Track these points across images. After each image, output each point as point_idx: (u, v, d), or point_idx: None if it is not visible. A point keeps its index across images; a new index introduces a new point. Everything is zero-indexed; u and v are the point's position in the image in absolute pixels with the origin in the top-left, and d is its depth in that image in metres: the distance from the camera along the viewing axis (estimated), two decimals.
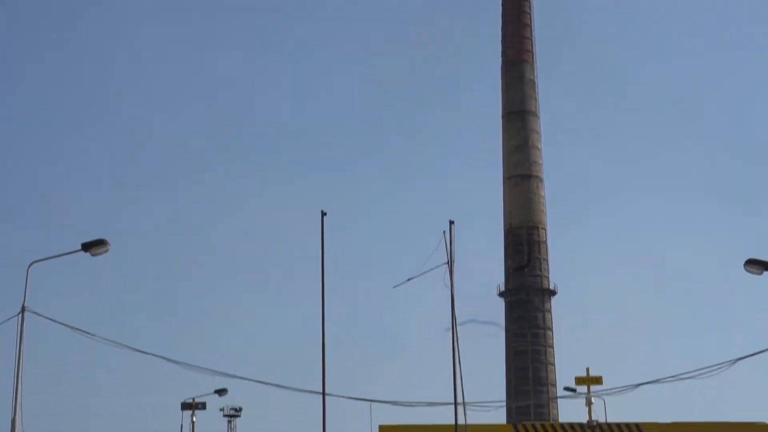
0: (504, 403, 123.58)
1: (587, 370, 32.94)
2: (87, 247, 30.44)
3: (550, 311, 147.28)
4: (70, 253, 30.88)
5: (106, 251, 30.62)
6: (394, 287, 28.38)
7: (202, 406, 38.83)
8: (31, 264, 30.66)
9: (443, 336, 23.53)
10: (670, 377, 33.08)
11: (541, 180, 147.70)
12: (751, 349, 32.46)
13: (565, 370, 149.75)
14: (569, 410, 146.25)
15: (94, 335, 32.19)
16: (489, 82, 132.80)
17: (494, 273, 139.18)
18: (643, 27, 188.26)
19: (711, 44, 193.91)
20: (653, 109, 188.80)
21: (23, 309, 30.08)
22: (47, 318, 31.57)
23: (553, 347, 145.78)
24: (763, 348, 31.51)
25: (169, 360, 38.07)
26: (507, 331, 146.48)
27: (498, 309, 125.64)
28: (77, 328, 31.61)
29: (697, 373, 31.51)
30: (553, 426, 66.31)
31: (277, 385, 33.89)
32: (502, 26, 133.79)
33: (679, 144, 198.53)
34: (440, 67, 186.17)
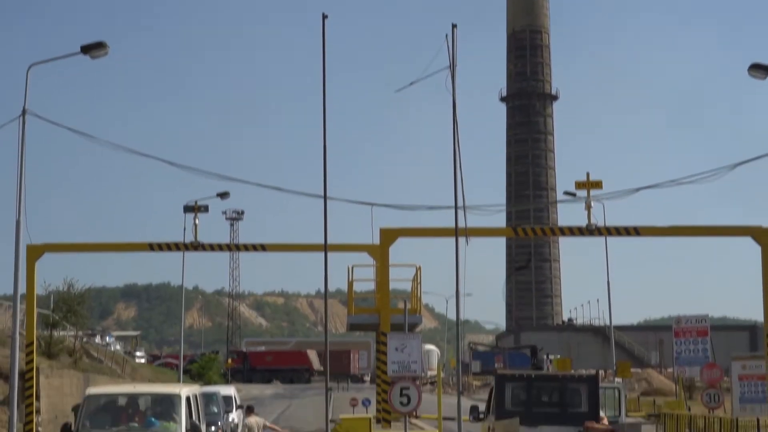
0: (504, 207, 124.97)
1: (587, 174, 32.96)
2: (86, 49, 30.16)
3: (551, 116, 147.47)
4: (70, 55, 30.65)
5: (106, 54, 30.34)
6: (396, 91, 28.23)
7: (205, 209, 39.00)
8: (30, 66, 30.47)
9: (444, 145, 23.42)
10: (669, 181, 33.20)
11: None
12: (752, 155, 32.52)
13: (564, 174, 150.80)
14: (568, 214, 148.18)
15: (95, 138, 32.23)
16: None
17: (496, 78, 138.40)
18: None
19: None
20: None
21: (24, 112, 30.03)
22: (48, 121, 31.58)
23: (553, 152, 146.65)
24: (763, 153, 31.49)
25: (171, 163, 38.20)
26: (508, 135, 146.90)
27: (499, 114, 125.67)
28: (79, 131, 31.64)
29: (696, 177, 31.56)
30: (552, 229, 67.04)
31: (278, 188, 34.10)
32: None
33: None
34: None
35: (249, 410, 27.70)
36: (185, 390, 22.89)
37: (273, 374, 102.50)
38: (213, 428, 30.54)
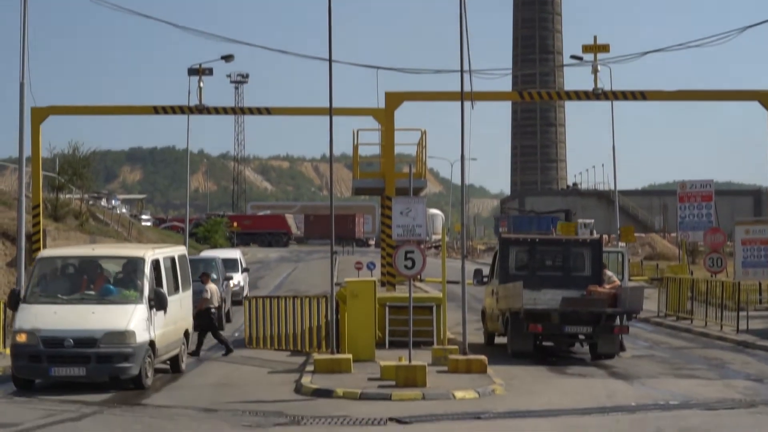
0: (510, 71, 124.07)
1: (594, 37, 32.68)
2: None
3: None
4: None
5: None
6: None
7: (209, 72, 38.75)
8: None
9: (450, 8, 23.16)
10: (677, 45, 32.96)
11: None
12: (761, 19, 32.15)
13: (572, 38, 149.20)
14: (574, 79, 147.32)
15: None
16: None
17: None
18: None
19: None
20: None
21: None
22: None
23: (561, 14, 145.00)
24: None
25: (175, 25, 38.00)
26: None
27: None
28: None
29: (704, 41, 31.27)
30: (558, 93, 66.71)
31: (283, 51, 33.92)
32: None
33: None
34: None
35: (204, 276, 26.67)
36: (151, 253, 20.52)
37: (252, 238, 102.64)
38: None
